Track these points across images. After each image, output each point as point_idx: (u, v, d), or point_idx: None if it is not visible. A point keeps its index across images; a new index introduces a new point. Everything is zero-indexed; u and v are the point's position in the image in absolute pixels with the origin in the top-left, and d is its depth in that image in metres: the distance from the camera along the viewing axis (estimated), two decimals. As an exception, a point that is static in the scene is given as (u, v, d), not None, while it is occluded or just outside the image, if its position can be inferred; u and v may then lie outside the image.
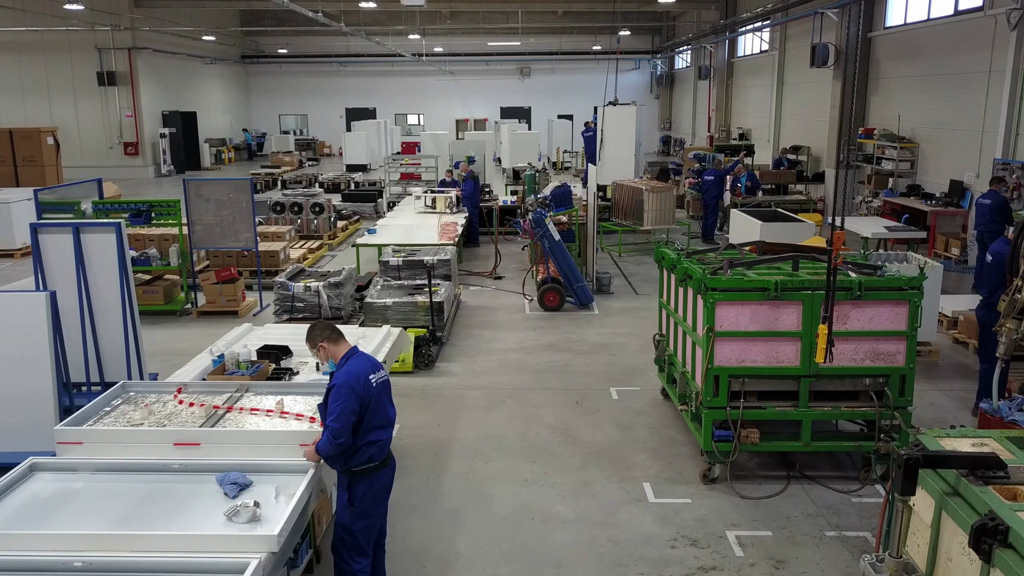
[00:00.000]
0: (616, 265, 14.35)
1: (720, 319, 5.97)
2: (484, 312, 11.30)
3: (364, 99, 41.95)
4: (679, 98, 39.81)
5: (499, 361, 9.19)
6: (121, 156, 30.45)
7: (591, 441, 7.04)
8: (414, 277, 10.36)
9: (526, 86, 41.96)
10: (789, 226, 12.24)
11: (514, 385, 8.41)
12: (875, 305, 5.95)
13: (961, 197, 15.48)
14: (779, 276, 6.15)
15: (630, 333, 10.21)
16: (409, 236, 12.93)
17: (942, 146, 16.40)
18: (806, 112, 22.95)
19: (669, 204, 15.33)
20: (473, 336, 10.13)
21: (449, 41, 39.33)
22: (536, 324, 10.68)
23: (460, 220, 14.31)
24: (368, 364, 4.49)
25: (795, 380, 6.08)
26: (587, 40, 39.00)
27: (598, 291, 12.23)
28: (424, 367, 8.82)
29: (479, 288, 12.74)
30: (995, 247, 7.30)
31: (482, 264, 14.43)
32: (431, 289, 9.14)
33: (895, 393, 6.03)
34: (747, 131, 28.29)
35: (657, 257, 7.67)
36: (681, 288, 6.81)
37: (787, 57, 24.72)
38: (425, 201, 15.96)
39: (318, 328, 4.66)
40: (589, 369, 8.91)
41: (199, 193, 11.20)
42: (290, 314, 9.56)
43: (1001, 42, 14.17)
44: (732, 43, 30.32)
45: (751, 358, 6.04)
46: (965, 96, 15.40)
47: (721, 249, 7.15)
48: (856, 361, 6.04)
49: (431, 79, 41.07)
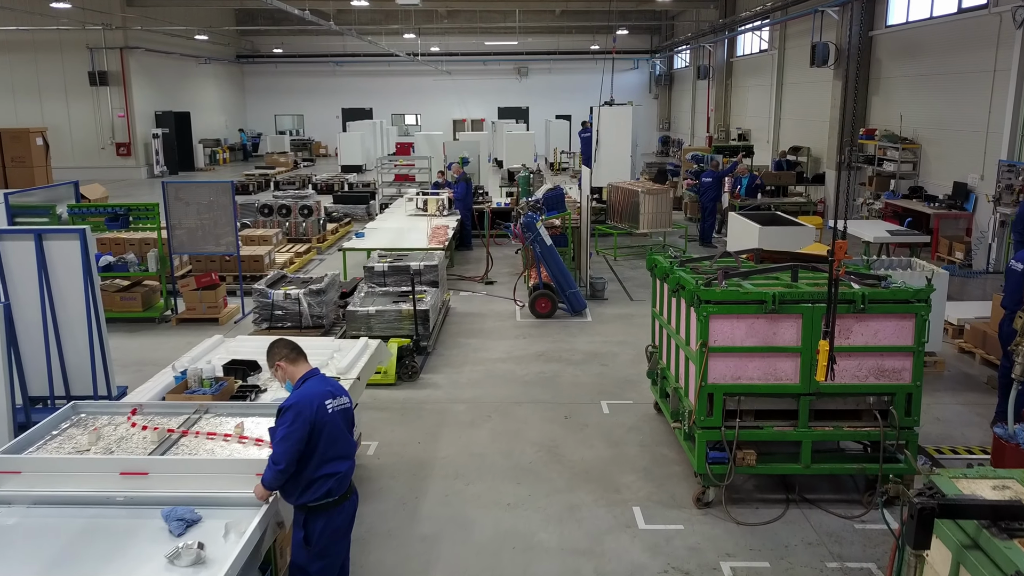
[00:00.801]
0: (611, 269, 13.99)
1: (714, 333, 5.60)
2: (473, 319, 10.93)
3: (361, 99, 41.61)
4: (678, 98, 39.43)
5: (486, 372, 8.81)
6: (113, 157, 30.09)
7: (579, 460, 6.67)
8: (400, 284, 10.00)
9: (524, 86, 41.61)
10: (789, 230, 11.88)
11: (501, 398, 8.04)
12: (879, 319, 5.58)
13: (965, 199, 15.11)
14: (777, 287, 5.78)
15: (623, 342, 9.84)
16: (398, 240, 12.57)
17: (945, 147, 16.03)
18: (806, 112, 22.58)
19: (666, 207, 14.96)
20: (460, 345, 9.76)
21: (446, 41, 38.97)
22: (526, 332, 10.31)
23: (451, 223, 13.95)
24: (325, 388, 4.12)
25: (794, 399, 5.70)
26: (585, 40, 38.65)
27: (591, 296, 11.86)
28: (407, 379, 8.45)
29: (469, 293, 12.37)
30: (1020, 256, 6.91)
31: (474, 268, 14.06)
32: (415, 297, 8.77)
33: (901, 412, 5.66)
34: (746, 131, 27.92)
35: (649, 264, 7.31)
36: (674, 299, 6.44)
37: (786, 57, 24.35)
38: (416, 203, 15.61)
39: (277, 346, 4.29)
40: (580, 381, 8.54)
41: (179, 196, 10.84)
42: (270, 323, 9.20)
43: (1006, 40, 13.79)
44: (731, 42, 29.95)
45: (747, 375, 5.67)
46: (969, 96, 15.03)
47: (716, 257, 6.77)
48: (859, 378, 5.66)
49: (428, 79, 40.72)
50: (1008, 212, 13.26)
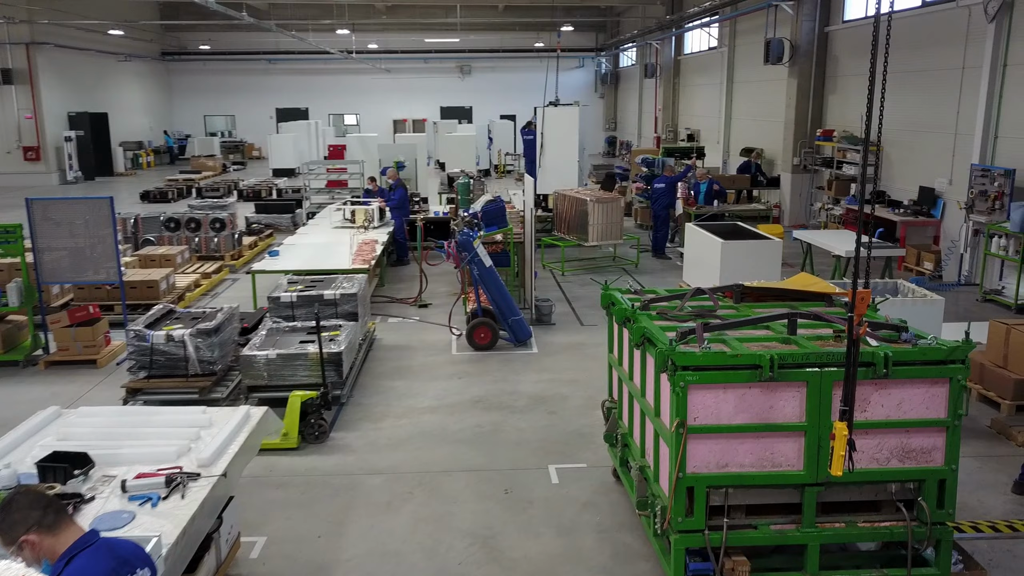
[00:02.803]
0: (559, 287, 12.65)
1: (695, 408, 4.27)
2: (402, 353, 9.46)
3: (296, 99, 39.64)
4: (624, 97, 38.44)
5: (412, 427, 7.36)
6: (20, 162, 27.71)
7: (521, 557, 5.27)
8: (313, 316, 8.49)
9: (467, 85, 40.16)
10: (753, 245, 10.69)
11: (427, 465, 6.60)
12: (904, 385, 4.32)
13: (932, 205, 14.20)
14: (771, 340, 4.48)
15: (574, 380, 8.49)
16: (317, 259, 11.02)
17: (910, 150, 15.11)
18: (759, 112, 21.63)
19: (617, 216, 13.70)
20: (383, 390, 8.28)
21: (385, 38, 37.23)
22: (463, 370, 8.88)
23: (381, 238, 12.44)
24: (107, 565, 2.63)
25: (797, 490, 4.41)
26: (529, 37, 37.36)
27: (537, 321, 10.51)
28: (314, 440, 6.95)
29: (400, 320, 10.89)
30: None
31: (408, 288, 12.58)
32: (321, 338, 7.26)
33: (932, 503, 4.41)
34: (695, 132, 26.97)
35: (605, 302, 5.96)
36: (638, 351, 5.10)
37: (737, 54, 23.40)
38: (344, 214, 14.06)
39: (19, 508, 2.68)
40: (524, 436, 7.14)
41: (47, 216, 9.13)
42: (149, 371, 7.58)
43: (977, 36, 12.87)
44: (679, 40, 28.98)
45: (737, 461, 4.35)
46: (935, 95, 14.11)
47: (688, 296, 5.45)
48: (879, 462, 4.40)
49: (367, 77, 38.95)
50: (983, 220, 12.35)
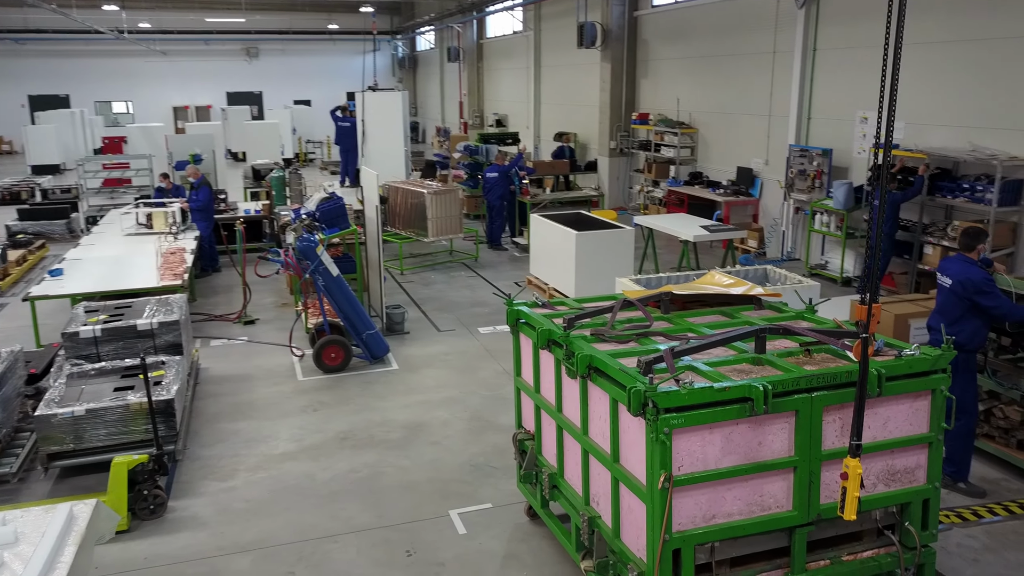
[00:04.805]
0: (402, 288, 11.60)
1: (680, 456, 3.54)
2: (238, 386, 8.01)
3: (53, 84, 34.71)
4: (424, 82, 37.49)
5: (272, 482, 6.07)
6: None
7: (452, 644, 4.33)
8: (124, 353, 6.88)
9: (255, 69, 37.26)
10: (606, 235, 10.29)
11: (303, 532, 5.39)
12: (890, 402, 3.87)
13: (750, 185, 14.71)
14: (740, 362, 3.86)
15: (449, 399, 7.56)
16: (115, 276, 9.16)
17: (724, 131, 15.56)
18: (569, 96, 21.64)
19: (455, 209, 12.84)
20: (225, 436, 6.87)
21: (158, 17, 33.47)
22: (317, 400, 7.64)
23: (189, 245, 10.70)
24: None
25: (785, 533, 3.84)
26: (321, 19, 35.25)
27: (390, 331, 9.43)
28: (150, 516, 5.50)
29: (225, 342, 9.34)
30: None
31: (224, 299, 10.95)
32: (149, 386, 5.76)
33: (917, 526, 4.02)
34: (503, 117, 26.67)
35: (511, 319, 5.11)
36: (576, 380, 4.30)
37: (543, 38, 23.27)
38: (137, 218, 12.03)
39: None
40: (410, 478, 6.12)
41: None
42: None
43: (787, 21, 13.34)
44: (481, 23, 28.48)
45: (725, 510, 3.69)
46: (747, 79, 14.55)
47: (616, 310, 4.72)
48: (866, 489, 3.93)
49: (139, 60, 34.91)
50: (804, 199, 12.87)
